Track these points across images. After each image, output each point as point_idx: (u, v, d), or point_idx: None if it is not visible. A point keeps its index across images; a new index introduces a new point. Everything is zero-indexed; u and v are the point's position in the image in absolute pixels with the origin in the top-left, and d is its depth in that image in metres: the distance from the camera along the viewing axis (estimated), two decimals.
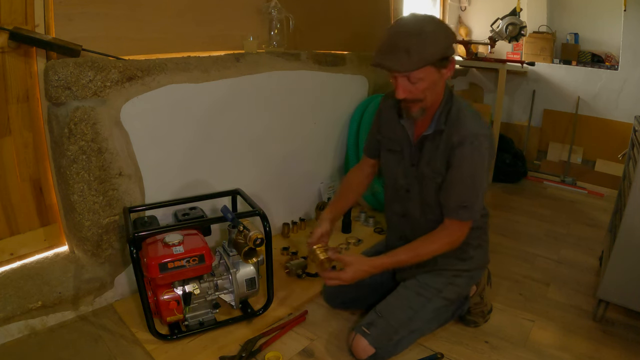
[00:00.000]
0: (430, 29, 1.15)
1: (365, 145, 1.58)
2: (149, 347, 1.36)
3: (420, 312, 1.37)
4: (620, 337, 1.53)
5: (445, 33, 1.18)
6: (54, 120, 1.42)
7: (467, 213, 1.26)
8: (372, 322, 1.33)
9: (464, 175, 1.24)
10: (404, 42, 1.13)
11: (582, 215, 2.71)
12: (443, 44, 1.16)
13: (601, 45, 3.35)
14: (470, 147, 1.21)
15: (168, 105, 1.61)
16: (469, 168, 1.23)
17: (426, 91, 1.21)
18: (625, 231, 1.48)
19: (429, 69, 1.17)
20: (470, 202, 1.25)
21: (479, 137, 1.22)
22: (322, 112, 2.26)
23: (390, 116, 1.43)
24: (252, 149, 1.97)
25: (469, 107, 1.30)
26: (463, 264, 1.42)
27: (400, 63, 1.14)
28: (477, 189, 1.25)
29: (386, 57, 1.16)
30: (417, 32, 1.14)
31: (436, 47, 1.15)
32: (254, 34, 1.96)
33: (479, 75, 3.81)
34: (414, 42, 1.13)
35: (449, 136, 1.25)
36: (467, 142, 1.21)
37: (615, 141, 3.17)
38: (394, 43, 1.15)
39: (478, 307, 1.52)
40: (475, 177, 1.24)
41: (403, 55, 1.13)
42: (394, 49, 1.15)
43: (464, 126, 1.23)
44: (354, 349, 1.32)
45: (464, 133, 1.22)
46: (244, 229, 1.43)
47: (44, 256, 1.61)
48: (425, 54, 1.14)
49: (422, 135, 1.31)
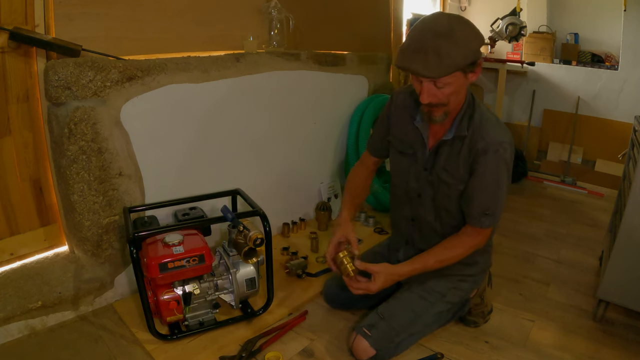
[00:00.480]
0: (461, 30, 1.07)
1: (370, 143, 1.54)
2: (149, 347, 1.36)
3: (423, 315, 1.36)
4: (620, 337, 1.53)
5: (475, 34, 1.11)
6: (54, 120, 1.42)
7: (489, 220, 1.25)
8: (373, 324, 1.32)
9: (488, 183, 1.22)
10: (434, 43, 1.05)
11: (582, 215, 2.71)
12: (474, 46, 1.10)
13: (601, 45, 3.35)
14: (494, 155, 1.19)
15: (168, 105, 1.61)
16: (493, 176, 1.21)
17: (451, 96, 1.16)
18: (625, 231, 1.48)
19: (457, 74, 1.11)
20: (493, 209, 1.24)
21: (504, 145, 1.19)
22: (322, 112, 2.26)
23: (403, 117, 1.38)
24: (252, 149, 1.97)
25: (491, 112, 1.27)
26: (469, 269, 1.42)
27: (430, 67, 1.06)
28: (500, 196, 1.24)
29: (414, 59, 1.07)
30: (447, 32, 1.05)
31: (468, 50, 1.08)
32: (254, 34, 1.96)
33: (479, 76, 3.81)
34: (444, 45, 1.05)
35: (472, 143, 1.22)
36: (491, 150, 1.19)
37: (615, 141, 3.17)
38: (422, 43, 1.06)
39: (478, 308, 1.52)
40: (499, 185, 1.22)
41: (433, 58, 1.05)
42: (423, 50, 1.06)
43: (489, 133, 1.20)
44: (355, 349, 1.32)
45: (489, 140, 1.19)
46: (244, 229, 1.43)
47: (44, 256, 1.61)
48: (457, 58, 1.06)
49: (441, 140, 1.28)
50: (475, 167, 1.22)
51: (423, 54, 1.06)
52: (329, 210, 2.24)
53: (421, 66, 1.07)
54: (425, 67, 1.07)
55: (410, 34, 1.12)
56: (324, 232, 2.21)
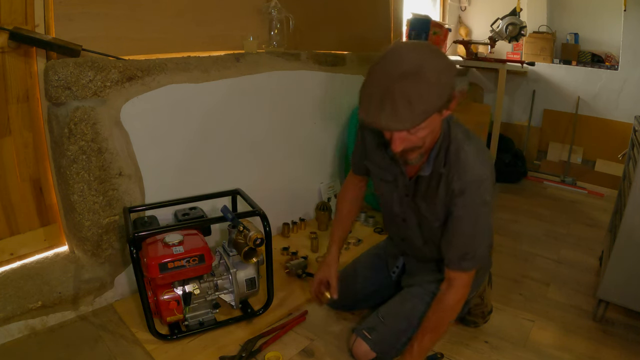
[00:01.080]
0: (430, 65, 0.91)
1: (353, 163, 1.47)
2: (149, 347, 1.36)
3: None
4: (620, 337, 1.53)
5: (447, 66, 0.94)
6: (54, 120, 1.42)
7: (469, 263, 1.17)
8: (374, 327, 1.31)
9: (465, 227, 1.14)
10: (401, 88, 0.90)
11: (582, 215, 2.71)
12: (448, 80, 0.93)
13: (601, 45, 3.35)
14: (472, 196, 1.09)
15: (168, 105, 1.61)
16: (471, 219, 1.12)
17: (426, 138, 1.04)
18: (625, 231, 1.48)
19: (432, 117, 0.95)
20: (472, 253, 1.16)
21: (483, 183, 1.08)
22: (322, 112, 2.26)
23: (376, 144, 1.27)
24: (252, 149, 1.97)
25: (469, 138, 1.12)
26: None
27: (402, 119, 0.91)
28: (480, 238, 1.16)
29: (381, 114, 0.91)
30: (414, 70, 0.90)
31: (442, 87, 0.92)
32: (254, 34, 1.96)
33: (479, 75, 3.81)
34: (413, 88, 0.90)
35: (449, 181, 1.11)
36: (468, 190, 1.08)
37: (615, 141, 3.17)
38: (387, 91, 0.91)
39: (478, 308, 1.52)
40: (478, 227, 1.14)
41: (403, 107, 0.90)
42: (389, 98, 0.90)
43: (465, 170, 1.08)
44: (355, 352, 1.32)
45: (466, 179, 1.08)
46: (244, 229, 1.43)
47: (44, 256, 1.61)
48: (431, 100, 0.91)
49: (418, 175, 1.19)
50: (453, 210, 1.13)
51: (390, 103, 0.90)
52: (329, 210, 2.24)
53: (391, 120, 0.92)
54: (396, 120, 0.91)
55: (370, 78, 0.95)
56: (324, 232, 2.21)
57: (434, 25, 3.14)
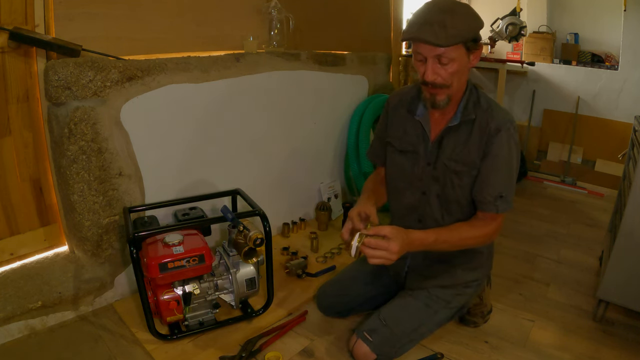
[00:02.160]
0: (463, 8, 1.14)
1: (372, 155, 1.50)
2: (149, 347, 1.36)
3: (427, 323, 1.35)
4: (620, 337, 1.53)
5: (475, 15, 1.17)
6: (54, 120, 1.42)
7: (504, 204, 1.22)
8: (375, 329, 1.31)
9: (502, 163, 1.21)
10: (438, 17, 1.10)
11: (582, 215, 2.71)
12: (476, 24, 1.15)
13: (601, 45, 3.35)
14: (507, 134, 1.19)
15: (168, 105, 1.61)
16: (506, 156, 1.20)
17: (454, 76, 1.17)
18: (625, 231, 1.48)
19: (461, 49, 1.13)
20: (507, 192, 1.22)
21: (514, 125, 1.21)
22: (322, 112, 2.26)
23: (400, 115, 1.37)
24: (252, 148, 1.97)
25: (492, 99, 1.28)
26: (473, 274, 1.41)
27: (437, 36, 1.09)
28: (513, 177, 1.23)
29: (421, 30, 1.11)
30: (450, 9, 1.12)
31: (470, 24, 1.13)
32: (254, 34, 1.96)
33: (479, 75, 3.81)
34: (448, 18, 1.10)
35: (484, 124, 1.21)
36: (504, 129, 1.19)
37: (615, 141, 3.17)
38: (428, 18, 1.11)
39: (478, 308, 1.52)
40: (511, 166, 1.22)
41: (439, 28, 1.09)
42: (429, 22, 1.11)
43: (499, 113, 1.21)
44: (355, 353, 1.31)
45: (500, 119, 1.20)
46: (244, 229, 1.43)
47: (44, 256, 1.61)
48: (462, 30, 1.11)
49: (446, 127, 1.25)
50: (490, 149, 1.21)
51: (429, 25, 1.10)
52: (329, 210, 2.24)
53: (429, 34, 1.09)
54: (432, 35, 1.09)
55: (415, 13, 1.18)
56: (324, 232, 2.21)
57: None
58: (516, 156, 1.22)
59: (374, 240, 1.12)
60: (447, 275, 1.39)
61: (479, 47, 1.18)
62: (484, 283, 1.52)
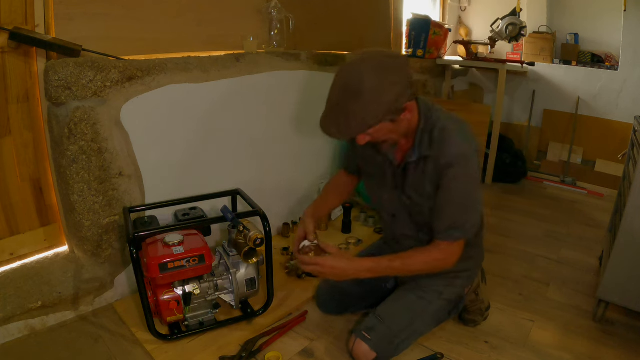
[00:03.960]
0: (371, 85, 1.01)
1: (344, 162, 1.54)
2: (149, 347, 1.36)
3: (422, 315, 1.36)
4: (620, 337, 1.53)
5: (390, 84, 1.03)
6: (54, 120, 1.42)
7: (457, 232, 1.21)
8: (372, 327, 1.32)
9: (453, 197, 1.19)
10: (343, 102, 1.04)
11: (582, 215, 2.71)
12: (388, 98, 1.03)
13: (601, 45, 3.35)
14: (459, 168, 1.15)
15: (168, 105, 1.61)
16: (459, 189, 1.18)
17: (386, 136, 1.14)
18: (625, 231, 1.48)
19: (379, 124, 1.07)
20: (461, 222, 1.20)
21: (467, 157, 1.15)
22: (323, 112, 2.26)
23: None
24: (252, 148, 1.97)
25: (452, 120, 1.21)
26: (463, 265, 1.42)
27: (341, 130, 1.06)
28: (468, 207, 1.21)
29: (326, 121, 1.09)
30: (355, 90, 1.02)
31: (378, 105, 1.03)
32: (254, 34, 1.96)
33: (479, 76, 3.81)
34: (352, 104, 1.02)
35: (436, 159, 1.18)
36: (456, 162, 1.15)
37: (615, 141, 3.17)
38: (334, 102, 1.07)
39: (475, 305, 1.52)
40: (466, 197, 1.19)
41: (344, 120, 1.05)
42: (334, 110, 1.07)
43: (451, 147, 1.15)
44: (355, 353, 1.32)
45: (453, 153, 1.15)
46: (244, 229, 1.43)
47: (44, 256, 1.61)
48: (366, 118, 1.03)
49: (406, 162, 1.24)
50: (442, 182, 1.18)
51: (334, 115, 1.07)
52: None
53: (334, 129, 1.08)
54: (338, 130, 1.07)
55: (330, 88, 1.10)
56: (324, 232, 2.21)
57: (434, 26, 3.15)
58: (473, 186, 1.19)
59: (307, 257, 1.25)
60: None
61: (404, 109, 1.09)
62: (477, 277, 1.53)
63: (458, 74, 3.73)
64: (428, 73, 3.29)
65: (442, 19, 3.80)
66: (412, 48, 3.19)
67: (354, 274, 1.23)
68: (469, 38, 3.90)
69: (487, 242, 2.22)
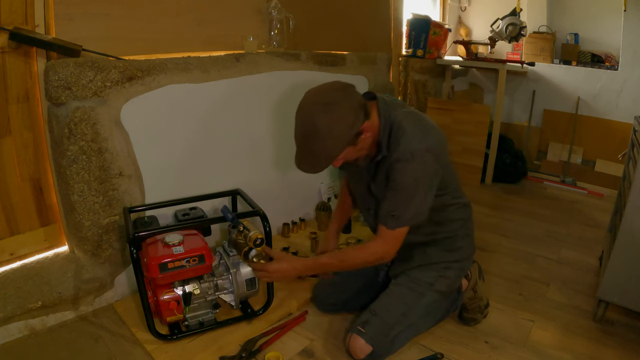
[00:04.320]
0: (323, 124, 1.13)
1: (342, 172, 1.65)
2: (149, 347, 1.36)
3: (414, 307, 1.37)
4: (620, 337, 1.53)
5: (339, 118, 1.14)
6: (54, 120, 1.42)
7: (394, 222, 1.24)
8: (367, 321, 1.33)
9: (396, 186, 1.24)
10: (306, 145, 1.19)
11: (582, 215, 2.71)
12: (343, 132, 1.15)
13: (601, 45, 3.35)
14: (404, 163, 1.21)
15: (168, 106, 1.61)
16: (402, 181, 1.23)
17: (356, 154, 1.26)
18: (625, 231, 1.48)
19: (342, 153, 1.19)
20: (399, 211, 1.24)
21: (414, 153, 1.21)
22: None
23: None
24: (252, 149, 1.97)
25: (410, 118, 1.26)
26: (453, 255, 1.43)
27: (312, 167, 1.21)
28: (409, 199, 1.23)
29: (298, 161, 1.23)
30: (312, 132, 1.15)
31: (337, 139, 1.15)
32: (254, 34, 1.96)
33: (479, 76, 3.81)
34: (313, 145, 1.16)
35: (390, 156, 1.26)
36: (402, 158, 1.21)
37: (615, 141, 3.17)
38: (300, 146, 1.22)
39: (474, 302, 1.52)
40: (408, 190, 1.23)
41: (310, 159, 1.20)
42: (302, 152, 1.22)
43: (401, 145, 1.23)
44: (351, 348, 1.32)
45: (401, 150, 1.22)
46: (244, 229, 1.43)
47: (44, 256, 1.61)
48: (329, 152, 1.16)
49: (373, 161, 1.32)
50: (390, 175, 1.26)
51: (304, 155, 1.22)
52: (329, 210, 2.24)
53: (306, 167, 1.22)
54: (310, 167, 1.21)
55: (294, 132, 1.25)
56: (323, 232, 2.21)
57: (434, 26, 3.15)
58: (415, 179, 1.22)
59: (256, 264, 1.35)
60: (421, 255, 1.43)
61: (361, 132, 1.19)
62: (475, 274, 1.55)
63: (458, 74, 3.74)
64: (428, 73, 3.29)
65: (442, 19, 3.80)
66: (412, 48, 3.19)
67: (297, 272, 1.36)
68: (469, 38, 3.90)
69: (487, 242, 2.24)
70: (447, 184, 1.34)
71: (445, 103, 3.27)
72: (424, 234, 1.40)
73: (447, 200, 1.38)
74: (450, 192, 1.38)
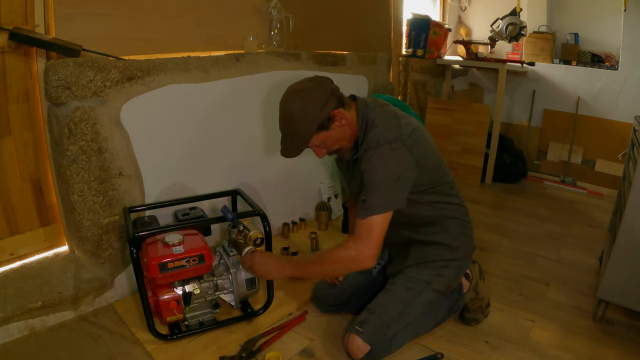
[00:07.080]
0: (297, 107, 1.22)
1: None
2: (149, 347, 1.36)
3: (412, 305, 1.37)
4: (620, 337, 1.53)
5: (312, 100, 1.22)
6: (54, 120, 1.42)
7: (364, 210, 1.24)
8: (364, 320, 1.33)
9: (366, 174, 1.27)
10: (285, 129, 1.27)
11: (582, 215, 2.71)
12: (313, 113, 1.22)
13: (601, 45, 3.35)
14: (372, 150, 1.25)
15: (168, 105, 1.61)
16: (372, 169, 1.25)
17: (333, 145, 1.31)
18: (625, 231, 1.48)
19: (316, 136, 1.26)
20: (368, 198, 1.25)
21: (380, 141, 1.25)
22: None
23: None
24: (252, 148, 1.97)
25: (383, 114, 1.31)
26: (450, 254, 1.43)
27: (290, 149, 1.28)
28: (375, 186, 1.24)
29: (282, 147, 1.30)
30: (288, 116, 1.24)
31: (308, 120, 1.23)
32: (254, 34, 1.96)
33: (479, 75, 3.81)
34: (290, 128, 1.25)
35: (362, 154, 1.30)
36: (371, 148, 1.26)
37: (615, 141, 3.17)
38: (281, 132, 1.29)
39: (475, 303, 1.53)
40: (374, 175, 1.25)
41: (289, 142, 1.28)
42: (283, 137, 1.29)
43: (370, 137, 1.28)
44: (350, 348, 1.32)
45: (368, 142, 1.27)
46: (244, 229, 1.43)
47: (44, 256, 1.61)
48: (302, 133, 1.24)
49: (354, 158, 1.36)
50: (361, 165, 1.30)
51: (284, 141, 1.30)
52: (329, 210, 2.24)
53: (286, 151, 1.30)
54: (289, 150, 1.29)
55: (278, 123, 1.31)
56: (323, 232, 2.21)
57: (434, 25, 3.15)
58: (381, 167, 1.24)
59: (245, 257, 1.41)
60: (417, 253, 1.43)
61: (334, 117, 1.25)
62: (476, 275, 1.55)
63: (458, 74, 3.74)
64: (428, 73, 3.29)
65: (442, 18, 3.80)
66: (412, 48, 3.19)
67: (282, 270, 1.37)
68: (469, 38, 3.90)
69: (487, 242, 2.24)
70: (434, 180, 1.35)
71: (445, 103, 3.27)
72: (420, 232, 1.41)
73: (439, 198, 1.39)
74: (442, 190, 1.39)
